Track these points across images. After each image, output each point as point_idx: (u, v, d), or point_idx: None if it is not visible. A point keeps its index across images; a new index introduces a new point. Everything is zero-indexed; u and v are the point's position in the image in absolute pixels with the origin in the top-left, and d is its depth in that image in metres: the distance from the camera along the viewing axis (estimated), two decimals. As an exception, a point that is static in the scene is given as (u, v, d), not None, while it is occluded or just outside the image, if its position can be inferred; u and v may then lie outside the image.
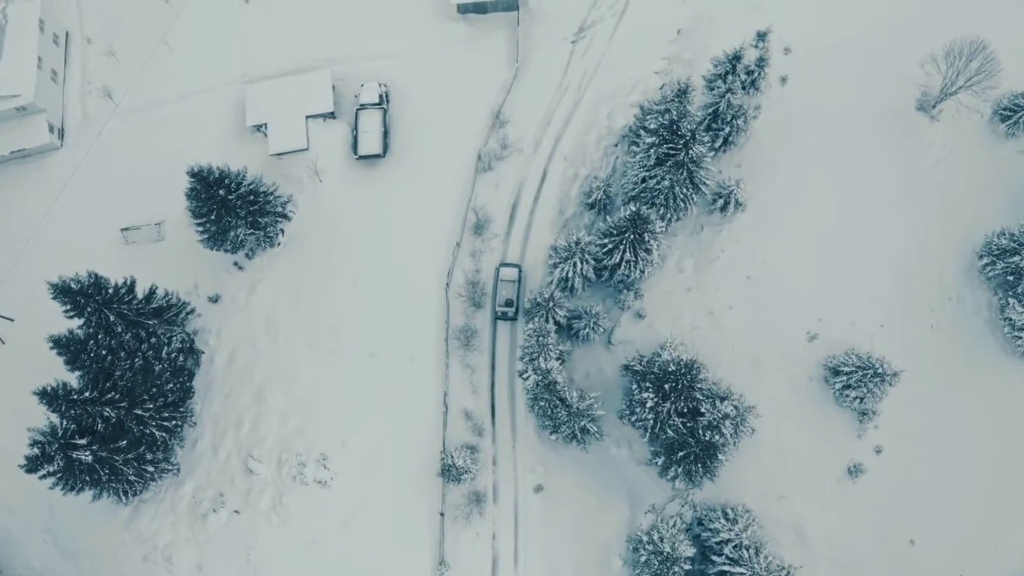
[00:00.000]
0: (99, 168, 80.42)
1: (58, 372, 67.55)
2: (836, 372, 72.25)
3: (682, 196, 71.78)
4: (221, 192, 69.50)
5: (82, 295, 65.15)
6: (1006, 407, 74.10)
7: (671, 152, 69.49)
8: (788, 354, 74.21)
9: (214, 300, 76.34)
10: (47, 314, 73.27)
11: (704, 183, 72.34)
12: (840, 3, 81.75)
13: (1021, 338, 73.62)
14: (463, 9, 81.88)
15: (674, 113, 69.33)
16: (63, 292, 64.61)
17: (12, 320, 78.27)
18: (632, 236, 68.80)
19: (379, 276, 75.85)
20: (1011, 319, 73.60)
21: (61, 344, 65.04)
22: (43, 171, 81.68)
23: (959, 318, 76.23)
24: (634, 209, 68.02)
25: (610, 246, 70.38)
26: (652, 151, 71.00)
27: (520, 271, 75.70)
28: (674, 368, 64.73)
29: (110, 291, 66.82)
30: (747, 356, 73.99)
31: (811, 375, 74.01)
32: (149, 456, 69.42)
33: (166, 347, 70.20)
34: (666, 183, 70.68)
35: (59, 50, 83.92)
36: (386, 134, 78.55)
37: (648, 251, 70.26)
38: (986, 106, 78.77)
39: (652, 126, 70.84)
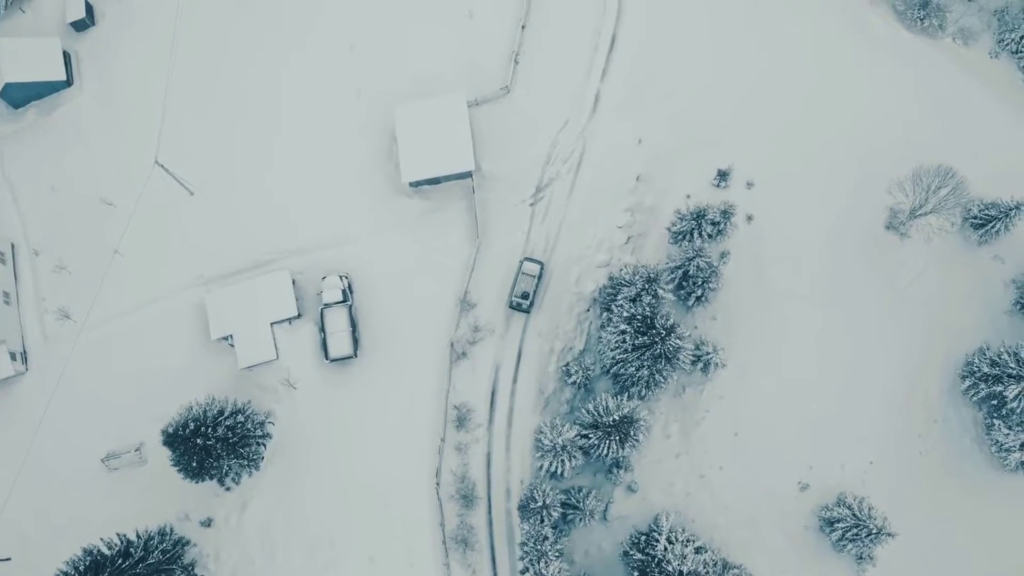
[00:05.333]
0: (69, 393, 78.28)
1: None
2: (831, 523, 73.09)
3: (661, 378, 71.07)
4: (199, 441, 68.65)
5: (81, 582, 64.97)
6: (998, 524, 75.10)
7: (648, 344, 68.60)
8: (782, 508, 74.74)
9: (206, 524, 75.65)
10: (40, 551, 74.39)
11: (682, 360, 71.47)
12: (797, 129, 79.50)
13: (1008, 457, 74.39)
14: (416, 184, 78.89)
15: (647, 308, 68.30)
16: (65, 585, 64.41)
17: (9, 559, 77.88)
18: (619, 436, 68.59)
19: (367, 480, 74.91)
20: (998, 440, 74.24)
21: (67, 644, 65.09)
22: (12, 399, 79.59)
23: (946, 439, 76.76)
24: (618, 418, 67.64)
25: (596, 440, 70.05)
26: (626, 336, 70.06)
27: (542, 268, 76.81)
28: (674, 584, 65.51)
29: (108, 567, 66.48)
30: (742, 516, 74.44)
31: (807, 524, 74.75)
32: None
33: (168, 597, 70.34)
34: (644, 372, 69.92)
35: (7, 268, 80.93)
36: (355, 329, 76.55)
37: (636, 440, 70.12)
38: (956, 216, 77.43)
39: (625, 314, 69.77)
